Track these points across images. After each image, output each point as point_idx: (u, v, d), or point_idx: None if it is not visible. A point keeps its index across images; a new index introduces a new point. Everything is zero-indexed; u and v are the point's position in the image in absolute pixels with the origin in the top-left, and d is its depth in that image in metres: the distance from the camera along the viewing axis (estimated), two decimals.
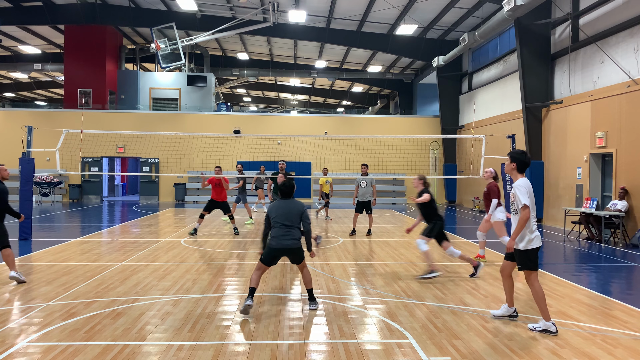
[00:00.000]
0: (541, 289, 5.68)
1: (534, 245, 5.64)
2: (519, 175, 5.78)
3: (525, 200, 5.57)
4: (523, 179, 5.74)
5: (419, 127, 27.36)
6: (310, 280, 6.58)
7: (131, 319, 5.99)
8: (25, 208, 12.25)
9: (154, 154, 25.73)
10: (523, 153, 5.82)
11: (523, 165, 5.79)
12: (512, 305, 6.07)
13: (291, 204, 6.47)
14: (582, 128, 14.98)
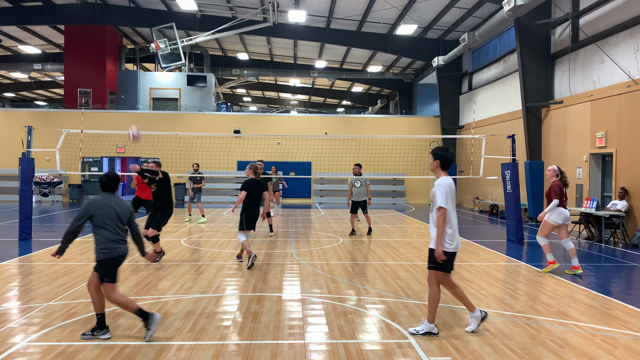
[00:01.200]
0: (438, 294, 5.48)
1: (447, 249, 5.37)
2: (442, 173, 5.52)
3: (442, 202, 5.33)
4: (445, 178, 5.47)
5: (419, 127, 27.36)
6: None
7: (131, 318, 5.98)
8: (25, 208, 12.24)
9: (154, 154, 25.73)
10: (446, 150, 5.57)
11: (447, 162, 5.52)
12: (474, 309, 5.66)
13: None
14: (582, 128, 14.98)
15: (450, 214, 5.39)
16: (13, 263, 9.37)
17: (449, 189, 5.40)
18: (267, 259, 9.95)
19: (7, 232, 13.58)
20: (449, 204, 5.37)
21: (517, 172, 12.96)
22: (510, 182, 12.92)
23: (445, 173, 5.53)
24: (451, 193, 5.42)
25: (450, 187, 5.44)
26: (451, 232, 5.40)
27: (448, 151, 5.56)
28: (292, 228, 15.21)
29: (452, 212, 5.41)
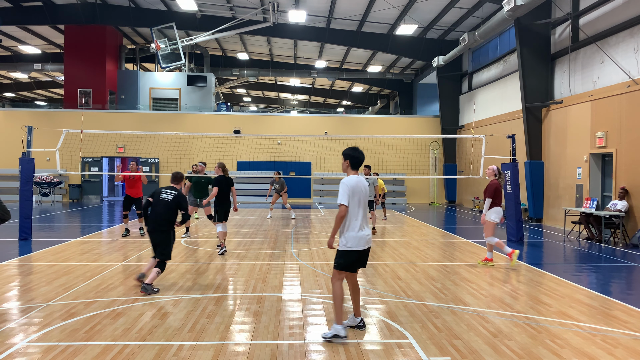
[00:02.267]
0: (341, 290, 5.41)
1: (350, 247, 5.36)
2: (352, 172, 5.53)
3: (342, 199, 5.34)
4: (350, 177, 5.47)
5: (419, 127, 27.36)
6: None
7: (131, 319, 5.99)
8: (25, 208, 12.25)
9: (154, 154, 25.73)
10: (355, 150, 5.57)
11: (356, 162, 5.54)
12: (359, 315, 5.70)
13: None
14: (582, 128, 14.98)
15: (352, 213, 5.37)
16: (13, 263, 9.37)
17: (352, 188, 5.37)
18: (267, 259, 9.95)
19: (7, 232, 13.58)
20: (352, 202, 5.36)
21: (517, 172, 12.96)
22: (510, 182, 12.93)
23: (355, 172, 5.57)
24: (356, 192, 5.38)
25: (355, 186, 5.40)
26: (353, 232, 5.37)
27: (357, 151, 5.58)
28: (292, 228, 15.21)
29: (355, 211, 5.38)
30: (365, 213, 5.51)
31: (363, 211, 5.46)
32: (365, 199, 5.51)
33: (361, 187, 5.46)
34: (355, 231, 5.38)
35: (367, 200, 5.54)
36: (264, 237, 13.20)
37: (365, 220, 5.50)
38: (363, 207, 5.47)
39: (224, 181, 10.24)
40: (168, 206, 7.49)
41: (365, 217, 5.48)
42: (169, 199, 7.54)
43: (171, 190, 7.66)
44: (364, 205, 5.49)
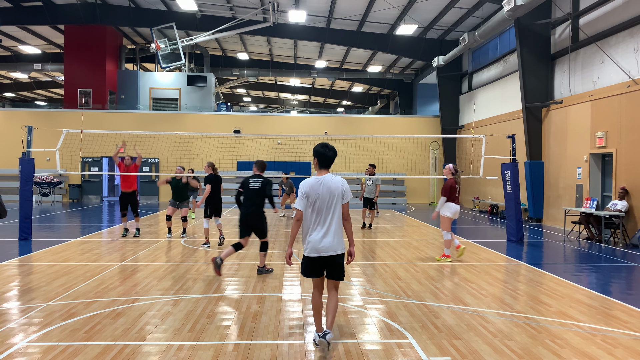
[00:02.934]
0: (314, 300, 5.12)
1: (306, 253, 5.01)
2: (320, 172, 5.06)
3: (297, 203, 5.00)
4: (310, 178, 5.04)
5: (419, 127, 27.36)
6: None
7: (131, 319, 5.99)
8: (25, 208, 12.24)
9: (154, 154, 25.73)
10: (324, 146, 5.04)
11: (323, 160, 5.02)
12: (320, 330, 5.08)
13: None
14: (582, 128, 14.98)
15: (309, 218, 4.98)
16: (13, 263, 9.37)
17: (307, 191, 4.97)
18: (267, 259, 9.94)
19: (7, 232, 13.58)
20: (308, 206, 4.98)
21: (517, 172, 12.96)
22: (510, 182, 12.92)
23: (325, 171, 5.07)
24: (312, 195, 4.94)
25: (311, 188, 4.96)
26: (309, 237, 4.98)
27: (326, 147, 5.05)
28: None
29: (313, 216, 4.97)
30: (328, 218, 4.96)
31: (323, 216, 4.96)
32: (329, 202, 4.96)
33: (322, 189, 4.94)
34: (312, 237, 4.96)
35: (331, 203, 4.96)
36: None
37: (328, 226, 4.96)
38: (324, 212, 4.96)
39: (214, 179, 11.05)
40: (258, 193, 8.39)
41: (326, 222, 4.95)
42: (257, 186, 8.42)
43: (258, 178, 8.50)
44: (326, 209, 4.97)
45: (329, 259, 4.99)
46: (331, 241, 4.95)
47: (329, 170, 5.09)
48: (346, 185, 5.06)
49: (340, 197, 5.01)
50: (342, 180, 5.03)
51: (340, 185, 5.00)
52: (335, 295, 5.14)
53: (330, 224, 4.96)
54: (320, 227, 4.96)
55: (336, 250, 4.98)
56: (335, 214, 4.99)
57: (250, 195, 8.41)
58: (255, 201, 8.37)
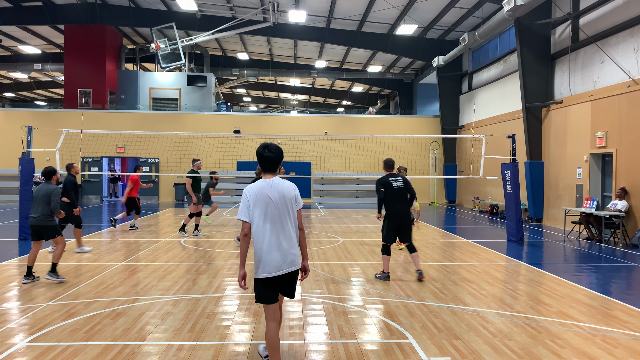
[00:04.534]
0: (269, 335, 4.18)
1: (260, 274, 4.13)
2: (266, 175, 4.29)
3: (242, 213, 4.15)
4: (254, 184, 4.27)
5: (419, 127, 27.35)
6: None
7: (131, 319, 5.99)
8: (25, 208, 12.24)
9: (154, 154, 25.73)
10: (265, 147, 4.26)
11: (264, 162, 4.25)
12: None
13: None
14: (582, 128, 14.98)
15: (258, 229, 4.13)
16: (13, 263, 9.37)
17: (253, 198, 4.15)
18: None
19: (7, 232, 13.58)
20: (256, 215, 4.13)
21: (517, 172, 12.96)
22: (510, 182, 12.92)
23: (271, 175, 4.30)
24: (259, 202, 4.13)
25: (260, 192, 4.15)
26: (263, 252, 4.12)
27: (266, 149, 4.27)
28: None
29: (261, 226, 4.12)
30: (286, 227, 4.18)
31: (280, 225, 4.16)
32: (283, 207, 4.18)
33: (273, 193, 4.17)
34: (268, 252, 4.11)
35: (286, 209, 4.19)
36: None
37: (282, 236, 4.15)
38: (279, 220, 4.16)
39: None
40: (403, 192, 8.21)
41: (284, 232, 4.16)
42: (401, 185, 8.20)
43: (396, 177, 8.30)
44: (280, 216, 4.16)
45: (290, 276, 4.20)
46: (293, 254, 4.18)
47: (275, 174, 4.32)
48: (297, 189, 4.35)
49: (294, 202, 4.25)
50: (293, 185, 4.32)
51: (292, 189, 4.28)
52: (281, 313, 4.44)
53: (287, 235, 4.17)
54: (274, 239, 4.12)
55: (298, 266, 4.24)
56: (290, 223, 4.20)
57: (397, 195, 8.18)
58: (404, 201, 8.21)
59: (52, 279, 7.78)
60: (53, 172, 8.31)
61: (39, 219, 7.76)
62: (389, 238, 8.30)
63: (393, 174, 8.39)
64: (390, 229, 8.26)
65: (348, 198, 26.64)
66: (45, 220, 7.79)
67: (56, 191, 7.85)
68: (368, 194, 26.33)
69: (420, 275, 8.11)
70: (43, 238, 7.88)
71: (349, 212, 21.23)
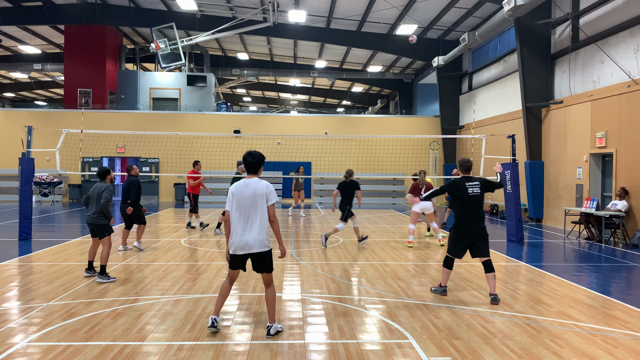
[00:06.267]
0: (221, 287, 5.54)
1: (230, 250, 5.39)
2: (249, 176, 5.45)
3: (226, 204, 5.44)
4: (240, 180, 5.42)
5: (419, 127, 27.35)
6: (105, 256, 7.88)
7: (131, 319, 5.99)
8: (25, 208, 12.25)
9: (154, 154, 25.73)
10: (248, 153, 5.44)
11: (247, 166, 5.43)
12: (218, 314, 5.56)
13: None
14: (582, 128, 14.98)
15: (233, 217, 5.32)
16: (13, 263, 9.37)
17: (231, 193, 5.35)
18: None
19: (7, 232, 13.58)
20: (231, 207, 5.34)
21: (517, 172, 12.97)
22: (510, 182, 12.93)
23: (252, 176, 5.43)
24: (235, 197, 5.31)
25: (237, 188, 5.33)
26: (233, 235, 5.32)
27: (250, 155, 5.43)
28: (292, 228, 15.21)
29: (235, 216, 5.31)
30: (250, 218, 5.26)
31: (244, 216, 5.27)
32: (249, 203, 5.27)
33: (246, 191, 5.29)
34: (235, 235, 5.31)
35: (254, 204, 5.26)
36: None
37: (250, 225, 5.27)
38: (245, 212, 5.27)
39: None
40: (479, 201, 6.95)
41: (248, 222, 5.26)
42: (478, 192, 6.91)
43: (474, 181, 6.97)
44: (247, 210, 5.27)
45: (252, 256, 5.35)
46: (253, 240, 5.26)
47: (256, 175, 5.44)
48: (271, 188, 5.35)
49: (265, 199, 5.30)
50: (267, 184, 5.33)
51: (264, 188, 5.31)
52: (271, 290, 5.44)
53: (252, 224, 5.27)
54: (241, 226, 5.28)
55: (258, 248, 5.29)
56: (257, 215, 5.28)
57: (471, 204, 6.89)
58: (478, 211, 6.92)
59: (103, 281, 7.81)
60: (107, 172, 8.35)
61: (92, 217, 8.04)
62: (456, 251, 7.02)
63: (470, 177, 7.08)
64: (458, 241, 6.96)
65: None
66: (98, 219, 8.02)
67: (107, 190, 7.97)
68: (368, 194, 26.32)
69: (493, 302, 6.72)
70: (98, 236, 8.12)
71: None
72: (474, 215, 6.89)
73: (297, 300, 6.92)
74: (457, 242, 6.95)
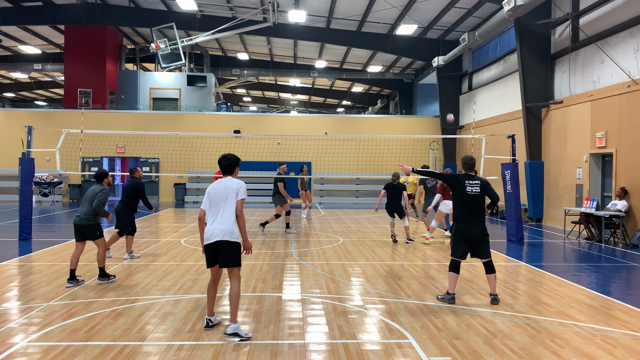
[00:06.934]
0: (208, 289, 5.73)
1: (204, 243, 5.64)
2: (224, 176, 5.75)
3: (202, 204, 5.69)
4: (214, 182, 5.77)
5: (419, 127, 27.35)
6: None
7: (131, 319, 5.99)
8: (25, 208, 12.25)
9: (154, 154, 25.73)
10: (223, 157, 5.77)
11: (222, 167, 5.75)
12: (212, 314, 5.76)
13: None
14: (582, 128, 14.98)
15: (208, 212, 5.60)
16: (13, 263, 9.37)
17: (209, 190, 5.65)
18: (267, 259, 9.95)
19: (7, 232, 13.58)
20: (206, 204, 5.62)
21: (517, 172, 12.96)
22: (510, 182, 12.92)
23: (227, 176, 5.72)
24: (210, 193, 5.61)
25: (212, 186, 5.66)
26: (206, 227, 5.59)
27: (224, 159, 5.73)
28: (292, 228, 15.20)
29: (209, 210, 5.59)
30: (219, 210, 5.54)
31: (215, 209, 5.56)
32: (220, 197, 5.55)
33: (219, 187, 5.60)
34: (207, 227, 5.58)
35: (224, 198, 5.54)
36: (264, 237, 13.20)
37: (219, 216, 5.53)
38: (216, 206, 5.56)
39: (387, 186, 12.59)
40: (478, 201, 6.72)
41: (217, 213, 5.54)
42: (477, 192, 6.69)
43: (474, 180, 6.76)
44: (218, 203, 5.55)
45: (218, 245, 5.47)
46: (219, 229, 5.46)
47: (231, 175, 5.75)
48: (242, 185, 5.62)
49: (235, 193, 5.56)
50: (239, 182, 5.63)
51: (236, 184, 5.61)
52: (235, 285, 5.51)
53: (221, 215, 5.53)
54: (212, 218, 5.56)
55: (222, 237, 5.45)
56: (226, 207, 5.54)
57: (469, 204, 6.69)
58: (477, 213, 6.70)
59: (103, 283, 7.74)
60: (105, 174, 8.08)
61: (82, 218, 7.68)
62: (458, 252, 6.76)
63: (472, 175, 6.84)
64: (459, 242, 6.75)
65: (348, 198, 26.64)
66: (87, 220, 7.68)
67: (102, 192, 7.75)
68: (368, 194, 26.33)
69: (493, 302, 6.69)
70: (87, 238, 7.78)
71: (349, 212, 21.22)
72: (471, 216, 6.68)
73: (297, 300, 6.92)
74: (458, 242, 6.75)
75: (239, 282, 5.54)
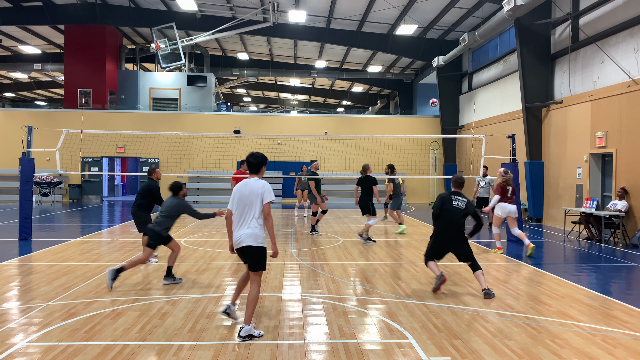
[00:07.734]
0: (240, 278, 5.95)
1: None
2: (251, 176, 5.66)
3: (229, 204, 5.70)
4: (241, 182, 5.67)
5: (419, 127, 27.35)
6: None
7: (131, 319, 5.99)
8: (25, 208, 12.24)
9: (154, 154, 25.72)
10: (250, 154, 5.71)
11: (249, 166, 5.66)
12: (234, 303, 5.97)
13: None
14: (582, 128, 14.98)
15: (233, 215, 5.58)
16: (13, 263, 9.37)
17: (234, 191, 5.61)
18: (267, 259, 9.93)
19: (7, 232, 13.58)
20: (232, 205, 5.59)
21: (517, 172, 12.96)
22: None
23: (253, 175, 5.64)
24: (235, 195, 5.56)
25: (237, 188, 5.58)
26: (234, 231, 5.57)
27: (252, 157, 5.64)
28: (292, 228, 15.21)
29: (235, 212, 5.56)
30: (244, 214, 5.49)
31: (241, 213, 5.51)
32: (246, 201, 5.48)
33: (244, 190, 5.51)
34: (235, 231, 5.56)
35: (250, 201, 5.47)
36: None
37: (244, 221, 5.49)
38: (242, 210, 5.50)
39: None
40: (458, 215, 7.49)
41: (242, 217, 5.50)
42: (461, 207, 7.46)
43: (461, 197, 7.54)
44: (243, 208, 5.49)
45: (244, 250, 5.52)
46: (245, 234, 5.45)
47: (257, 175, 5.64)
48: (267, 187, 5.51)
49: (259, 198, 5.47)
50: (264, 183, 5.53)
51: (261, 187, 5.49)
52: (254, 289, 5.49)
53: (247, 220, 5.49)
54: (238, 222, 5.54)
55: (250, 243, 5.44)
56: (252, 211, 5.49)
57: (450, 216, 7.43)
58: (456, 225, 7.46)
59: (168, 284, 7.80)
60: (179, 187, 8.34)
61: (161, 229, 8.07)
62: (431, 253, 7.56)
63: (459, 192, 7.60)
64: (435, 245, 7.58)
65: (348, 198, 26.63)
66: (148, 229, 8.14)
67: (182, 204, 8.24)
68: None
69: (486, 296, 7.05)
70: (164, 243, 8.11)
71: (349, 212, 21.22)
72: (450, 228, 7.45)
73: (297, 300, 6.92)
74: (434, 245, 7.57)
75: (258, 286, 5.53)
